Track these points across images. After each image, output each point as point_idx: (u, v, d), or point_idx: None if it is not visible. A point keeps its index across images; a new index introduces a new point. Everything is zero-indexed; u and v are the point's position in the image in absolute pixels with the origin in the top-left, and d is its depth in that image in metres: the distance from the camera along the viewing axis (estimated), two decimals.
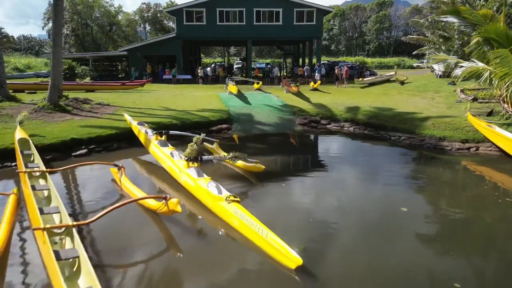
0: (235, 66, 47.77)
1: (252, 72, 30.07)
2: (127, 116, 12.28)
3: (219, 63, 49.02)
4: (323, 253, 5.16)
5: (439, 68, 31.80)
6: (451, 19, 12.61)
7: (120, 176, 7.55)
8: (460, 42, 23.01)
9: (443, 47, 25.29)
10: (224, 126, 14.13)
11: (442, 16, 12.81)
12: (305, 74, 29.19)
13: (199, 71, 28.31)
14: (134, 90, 21.96)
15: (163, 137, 9.80)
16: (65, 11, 47.11)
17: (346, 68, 24.73)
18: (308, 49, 34.83)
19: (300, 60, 41.49)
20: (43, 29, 52.07)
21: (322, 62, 33.41)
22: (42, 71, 32.05)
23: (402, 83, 26.36)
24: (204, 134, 8.95)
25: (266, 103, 17.95)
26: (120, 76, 34.41)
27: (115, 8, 50.89)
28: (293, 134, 14.12)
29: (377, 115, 14.43)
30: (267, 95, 20.64)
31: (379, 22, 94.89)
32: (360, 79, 24.81)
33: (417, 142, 11.84)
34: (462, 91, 18.72)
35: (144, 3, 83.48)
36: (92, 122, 12.78)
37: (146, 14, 69.17)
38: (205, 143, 10.93)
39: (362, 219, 6.35)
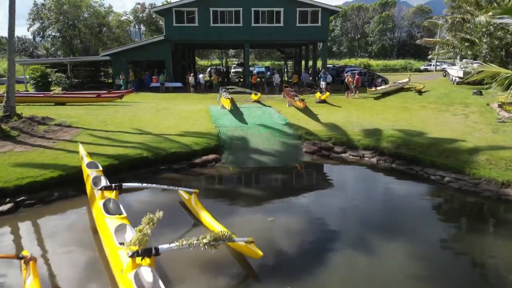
0: (232, 71, 44.66)
1: (250, 78, 26.96)
2: (81, 149, 9.23)
3: (214, 68, 45.93)
4: None
5: (457, 73, 28.79)
6: (508, 20, 9.56)
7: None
8: (489, 47, 19.90)
9: (469, 52, 22.19)
10: (211, 157, 11.01)
11: (498, 16, 9.78)
12: (304, 81, 26.08)
13: (190, 78, 25.20)
14: (112, 102, 18.83)
15: (113, 194, 6.68)
16: (50, 11, 44.18)
17: (357, 76, 21.58)
18: (312, 52, 31.68)
19: (303, 63, 38.40)
20: (28, 31, 48.99)
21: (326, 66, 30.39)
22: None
23: (420, 92, 23.24)
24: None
25: (265, 122, 14.82)
26: (107, 81, 31.28)
27: (105, 8, 47.78)
28: (300, 168, 11.00)
29: (407, 142, 11.29)
30: (266, 109, 17.51)
31: (382, 23, 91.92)
32: (374, 88, 21.68)
33: (470, 187, 8.73)
34: (500, 106, 15.61)
35: (139, 3, 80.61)
36: (34, 156, 9.65)
37: (140, 15, 66.12)
38: (180, 191, 7.86)
39: None
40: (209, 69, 47.67)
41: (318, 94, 20.10)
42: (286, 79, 37.06)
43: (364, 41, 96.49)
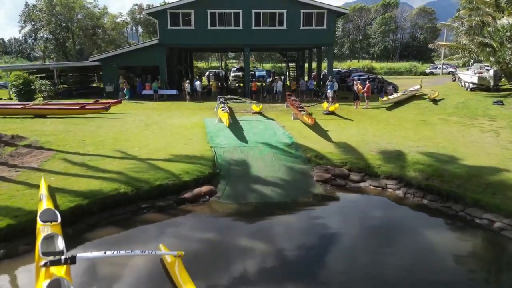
0: (232, 74, 42.81)
1: (250, 84, 25.14)
2: (42, 186, 7.51)
3: (213, 72, 44.07)
4: None
5: (470, 79, 26.98)
6: None
7: None
8: None
9: (491, 58, 20.38)
10: (204, 189, 9.16)
11: None
12: (305, 88, 24.19)
13: (186, 85, 23.36)
14: (98, 115, 16.96)
15: (64, 270, 4.82)
16: (42, 12, 42.36)
17: (368, 84, 19.70)
18: (317, 55, 29.82)
19: (306, 65, 36.58)
20: (19, 33, 47.17)
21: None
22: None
23: (435, 101, 21.43)
24: None
25: (268, 140, 12.97)
26: (99, 86, 29.37)
27: (99, 9, 45.91)
28: (312, 204, 9.14)
29: (439, 171, 9.45)
30: (269, 123, 15.68)
31: (384, 24, 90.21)
32: (385, 98, 19.82)
33: None
34: None
35: (136, 4, 78.89)
36: None
37: (138, 16, 64.28)
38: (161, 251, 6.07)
39: None
40: (207, 72, 45.86)
41: (325, 105, 18.26)
42: (288, 83, 35.25)
43: (366, 43, 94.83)
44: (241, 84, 30.35)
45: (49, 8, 40.88)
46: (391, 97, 20.71)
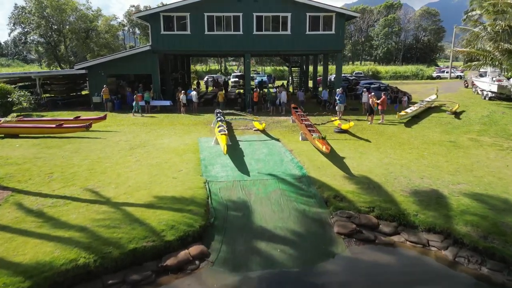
0: (231, 80, 40.69)
1: (251, 93, 23.03)
2: None
3: (212, 77, 41.91)
4: None
5: (489, 87, 24.85)
6: None
7: None
8: None
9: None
10: (193, 251, 7.03)
11: None
12: (299, 98, 22.17)
13: (181, 96, 21.23)
14: (78, 133, 14.80)
15: None
16: (31, 15, 40.27)
17: (383, 96, 17.52)
18: (323, 63, 27.67)
19: (311, 69, 34.45)
20: (9, 36, 44.96)
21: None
22: None
23: (456, 114, 19.31)
24: None
25: (274, 170, 10.83)
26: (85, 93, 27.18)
27: (93, 11, 43.77)
28: (333, 274, 6.97)
29: (498, 227, 7.30)
30: (273, 145, 13.52)
31: (388, 26, 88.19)
32: (403, 112, 17.64)
33: None
34: None
35: (133, 6, 76.83)
36: None
37: (135, 18, 62.09)
38: None
39: None
40: (206, 77, 43.70)
41: (337, 121, 16.11)
42: (291, 90, 33.14)
43: (369, 45, 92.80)
44: (242, 91, 28.28)
45: (39, 10, 38.76)
46: (408, 110, 18.55)
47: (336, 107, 18.64)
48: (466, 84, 35.30)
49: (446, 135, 15.08)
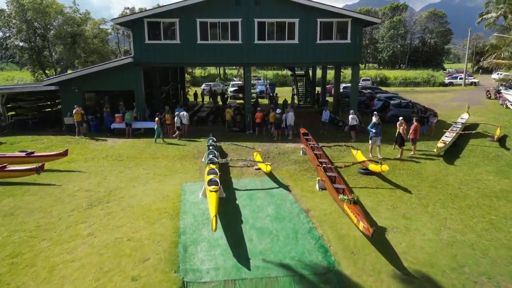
0: (230, 89, 37.25)
1: (254, 98, 19.55)
2: None
3: (208, 86, 38.45)
4: None
5: None
6: None
7: None
8: None
9: None
10: None
11: None
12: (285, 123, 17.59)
13: (167, 116, 17.80)
14: (25, 178, 11.38)
15: None
16: (12, 18, 36.86)
17: (415, 122, 14.04)
18: (335, 75, 24.21)
19: (318, 73, 30.98)
20: None
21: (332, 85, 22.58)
22: None
23: (501, 141, 15.89)
24: None
25: (285, 256, 7.36)
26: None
27: (80, 14, 40.39)
28: None
29: None
30: (282, 200, 10.05)
31: (393, 28, 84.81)
32: (441, 143, 14.17)
33: None
34: None
35: (127, 8, 73.57)
36: None
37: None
38: None
39: None
40: (202, 86, 40.29)
41: (360, 156, 12.65)
42: (296, 102, 29.74)
43: (373, 48, 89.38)
44: (241, 102, 24.85)
45: (19, 14, 35.37)
46: (444, 138, 15.11)
47: (370, 141, 14.16)
48: (489, 95, 31.82)
49: (505, 179, 11.62)
